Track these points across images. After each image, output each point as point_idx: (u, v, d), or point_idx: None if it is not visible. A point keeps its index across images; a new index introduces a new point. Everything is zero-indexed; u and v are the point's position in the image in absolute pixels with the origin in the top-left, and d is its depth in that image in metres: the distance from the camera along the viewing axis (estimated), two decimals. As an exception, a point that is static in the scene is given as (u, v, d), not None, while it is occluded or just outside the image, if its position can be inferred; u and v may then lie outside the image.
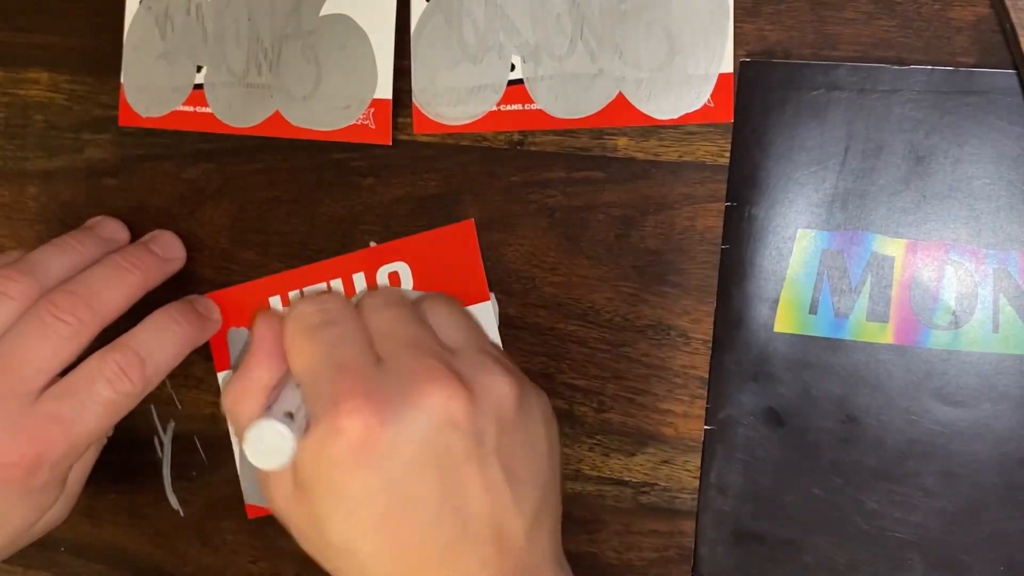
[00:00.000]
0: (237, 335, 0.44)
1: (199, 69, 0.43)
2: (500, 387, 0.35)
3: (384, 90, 0.40)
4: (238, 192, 0.44)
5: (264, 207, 0.44)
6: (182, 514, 0.46)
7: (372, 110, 0.41)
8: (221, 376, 0.44)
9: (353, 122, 0.41)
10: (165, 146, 0.45)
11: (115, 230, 0.44)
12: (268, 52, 0.42)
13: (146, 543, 0.47)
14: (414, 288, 0.41)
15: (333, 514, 0.34)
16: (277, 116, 0.42)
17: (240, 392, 0.36)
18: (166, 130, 0.44)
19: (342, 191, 0.42)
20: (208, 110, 0.43)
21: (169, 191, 0.45)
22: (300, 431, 0.34)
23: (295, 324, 0.36)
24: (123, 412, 0.39)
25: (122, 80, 0.44)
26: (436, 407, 0.33)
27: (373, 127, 0.41)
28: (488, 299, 0.41)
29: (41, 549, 0.48)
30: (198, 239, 0.44)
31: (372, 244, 0.42)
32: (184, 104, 0.43)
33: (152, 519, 0.47)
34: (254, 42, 0.42)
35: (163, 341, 0.40)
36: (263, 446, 0.33)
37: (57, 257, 0.41)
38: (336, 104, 0.41)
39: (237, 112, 0.42)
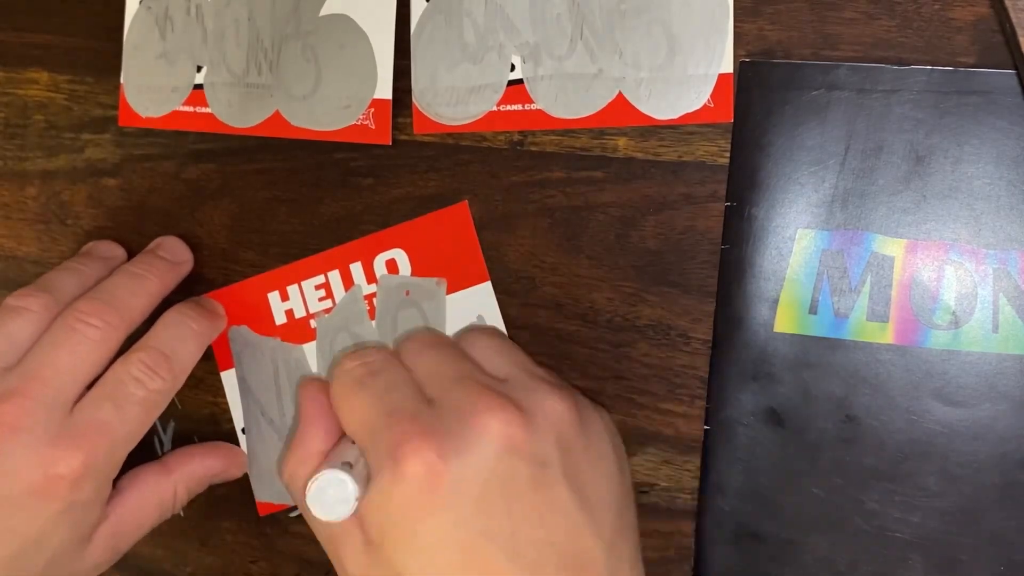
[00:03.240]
0: (238, 334, 0.44)
1: (199, 69, 0.43)
2: (556, 407, 0.34)
3: (384, 90, 0.40)
4: (238, 192, 0.44)
5: (264, 207, 0.44)
6: (182, 514, 0.46)
7: (372, 110, 0.41)
8: (224, 376, 0.44)
9: (353, 122, 0.41)
10: (165, 146, 0.44)
11: (112, 249, 0.44)
12: (268, 52, 0.41)
13: (146, 543, 0.46)
14: (412, 274, 0.41)
15: (410, 563, 0.33)
16: (277, 116, 0.42)
17: (296, 462, 0.36)
18: (166, 130, 0.44)
19: (342, 191, 0.42)
20: (208, 110, 0.43)
21: (169, 191, 0.45)
22: (361, 483, 0.33)
23: (340, 381, 0.36)
24: (158, 411, 0.39)
25: (122, 80, 0.44)
26: (494, 435, 0.33)
27: (373, 127, 0.41)
28: (487, 280, 0.41)
29: (41, 549, 0.48)
30: (198, 239, 0.44)
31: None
32: (184, 104, 0.43)
33: (152, 519, 0.46)
34: (254, 42, 0.42)
35: (182, 338, 0.40)
36: (326, 498, 0.32)
37: (67, 278, 0.41)
38: (336, 104, 0.41)
39: (237, 112, 0.42)
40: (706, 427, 0.39)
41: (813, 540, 0.38)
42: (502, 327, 0.41)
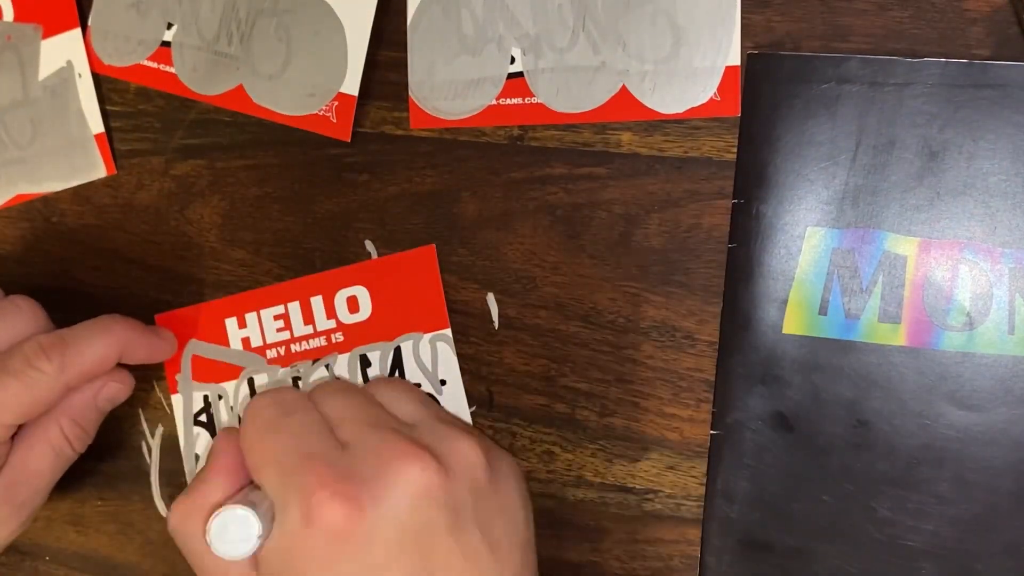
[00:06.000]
0: (196, 346, 0.43)
1: (169, 26, 0.42)
2: (469, 453, 0.35)
3: (351, 85, 0.40)
4: (229, 189, 0.43)
5: (256, 204, 0.43)
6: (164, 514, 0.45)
7: (336, 103, 0.40)
8: (175, 398, 0.44)
9: (315, 112, 0.40)
10: (153, 141, 0.44)
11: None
12: (241, 23, 0.41)
13: (134, 552, 0.46)
14: (372, 314, 0.41)
15: None
16: (240, 90, 0.41)
17: (189, 509, 0.35)
18: (154, 125, 0.44)
19: (336, 187, 0.42)
20: (172, 70, 0.42)
21: (157, 188, 0.44)
22: (266, 524, 0.33)
23: (252, 421, 0.35)
24: (41, 393, 0.38)
25: (90, 22, 0.43)
26: (412, 482, 0.33)
27: (335, 121, 0.40)
28: (447, 327, 0.40)
29: (24, 558, 0.47)
30: (187, 238, 0.44)
31: (368, 242, 0.41)
32: (149, 59, 0.43)
33: (140, 527, 0.46)
34: (229, 9, 0.41)
35: (94, 335, 0.39)
36: (228, 535, 0.33)
37: None
38: (301, 90, 0.41)
39: (201, 78, 0.42)
40: (712, 432, 0.38)
41: (823, 549, 0.37)
42: (458, 376, 0.41)
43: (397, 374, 0.41)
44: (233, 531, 0.33)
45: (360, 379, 0.41)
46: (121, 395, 0.41)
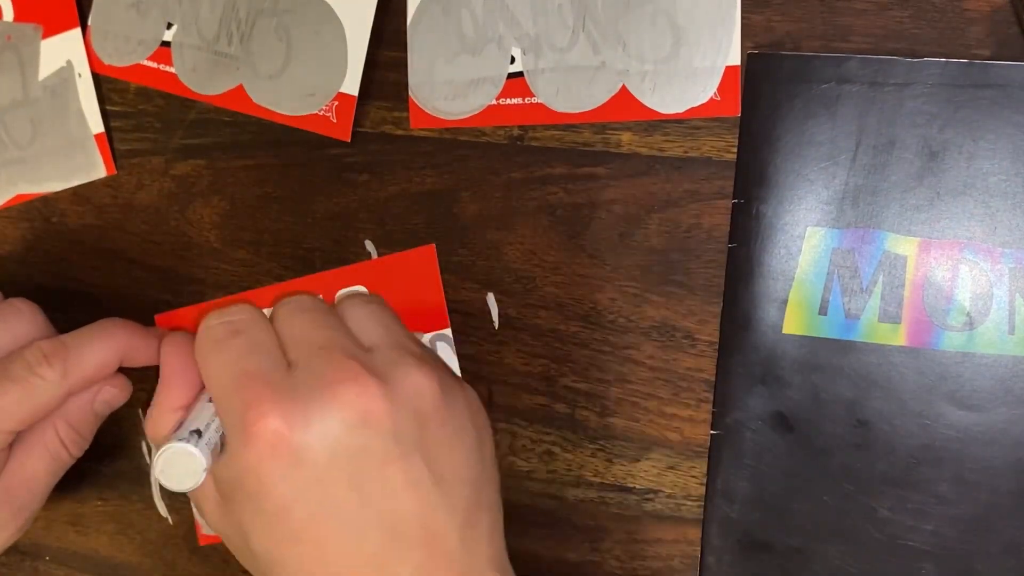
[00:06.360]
0: None
1: (169, 26, 0.42)
2: (416, 380, 0.34)
3: (351, 85, 0.40)
4: (229, 189, 0.43)
5: (256, 204, 0.43)
6: (171, 522, 0.45)
7: (336, 103, 0.40)
8: None
9: (315, 112, 0.40)
10: (153, 141, 0.44)
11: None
12: (241, 23, 0.41)
13: (134, 552, 0.46)
14: None
15: (254, 525, 0.33)
16: (240, 90, 0.41)
17: (155, 419, 0.36)
18: (154, 125, 0.43)
19: (336, 187, 0.42)
20: (171, 70, 0.42)
21: (158, 188, 0.44)
22: (213, 445, 0.34)
23: (202, 339, 0.36)
24: (42, 399, 0.38)
25: (90, 22, 0.43)
26: (348, 406, 0.32)
27: (335, 121, 0.40)
28: (447, 326, 0.40)
29: (24, 558, 0.47)
30: (188, 238, 0.43)
31: (368, 242, 0.41)
32: (148, 59, 0.43)
33: (140, 527, 0.46)
34: (229, 9, 0.41)
35: (95, 340, 0.39)
36: (175, 471, 0.33)
37: None
38: (301, 90, 0.41)
39: (201, 78, 0.42)
40: (712, 432, 0.38)
41: (823, 549, 0.37)
42: (458, 375, 0.40)
43: None
44: (179, 466, 0.33)
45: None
46: (118, 400, 0.40)
